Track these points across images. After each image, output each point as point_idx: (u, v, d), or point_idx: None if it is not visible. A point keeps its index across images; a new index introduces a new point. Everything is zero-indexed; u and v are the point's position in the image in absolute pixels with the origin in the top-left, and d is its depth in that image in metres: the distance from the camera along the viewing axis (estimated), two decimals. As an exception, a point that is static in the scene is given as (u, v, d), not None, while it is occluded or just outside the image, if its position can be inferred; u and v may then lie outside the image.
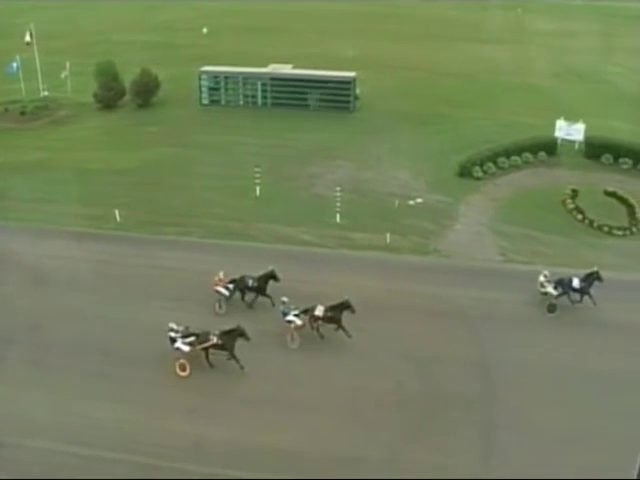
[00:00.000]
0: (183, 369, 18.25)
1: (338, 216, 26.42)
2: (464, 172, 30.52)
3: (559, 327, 20.67)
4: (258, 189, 28.35)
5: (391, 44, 51.78)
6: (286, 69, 40.76)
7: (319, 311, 19.48)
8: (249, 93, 39.73)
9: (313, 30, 56.70)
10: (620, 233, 26.81)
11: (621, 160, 31.47)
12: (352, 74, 39.14)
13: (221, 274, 21.41)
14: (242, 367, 18.24)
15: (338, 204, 26.56)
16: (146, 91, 39.64)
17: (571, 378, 18.29)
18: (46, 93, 41.65)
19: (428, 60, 48.06)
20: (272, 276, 21.20)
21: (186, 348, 18.22)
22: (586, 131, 32.58)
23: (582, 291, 21.49)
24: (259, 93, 39.47)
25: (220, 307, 21.23)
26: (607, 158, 31.79)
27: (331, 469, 15.54)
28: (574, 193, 28.56)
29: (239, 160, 31.30)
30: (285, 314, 19.60)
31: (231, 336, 18.29)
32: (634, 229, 26.83)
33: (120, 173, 30.72)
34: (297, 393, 17.74)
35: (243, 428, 16.57)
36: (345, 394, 17.68)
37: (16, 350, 19.27)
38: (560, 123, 33.15)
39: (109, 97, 39.61)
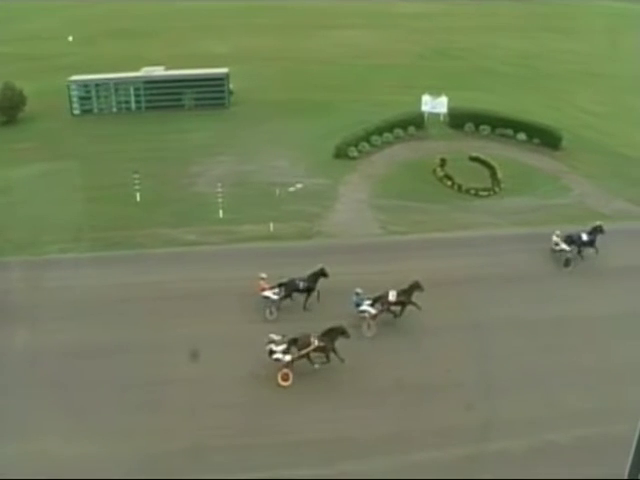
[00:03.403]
0: (286, 379, 17.83)
1: (221, 212, 26.73)
2: (340, 153, 31.75)
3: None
4: (138, 195, 28.07)
5: (263, 36, 52.42)
6: (159, 71, 40.27)
7: (392, 296, 20.09)
8: (122, 99, 38.96)
9: (185, 30, 56.13)
10: (485, 194, 29.10)
11: (481, 127, 34.12)
12: (225, 70, 39.37)
13: (263, 275, 20.77)
14: (342, 360, 18.21)
15: (220, 200, 26.87)
16: (11, 107, 37.74)
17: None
18: None
19: (301, 49, 49.18)
20: (322, 274, 21.10)
21: (287, 357, 17.86)
22: (449, 103, 34.84)
23: (589, 244, 23.43)
24: (132, 98, 38.83)
25: (271, 313, 20.55)
26: (469, 126, 34.32)
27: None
28: (442, 162, 30.55)
29: (117, 168, 30.67)
30: (358, 305, 19.99)
31: (332, 336, 18.24)
32: (496, 189, 29.21)
33: (-11, 195, 29.27)
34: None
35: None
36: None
37: None
38: (425, 98, 35.22)
39: (-32, 117, 37.48)
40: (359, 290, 20.22)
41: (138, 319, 20.48)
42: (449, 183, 29.59)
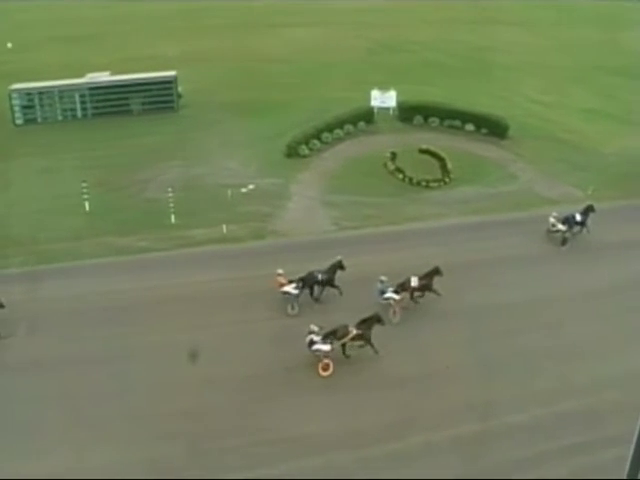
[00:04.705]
0: (326, 369, 18.05)
1: (173, 217, 26.41)
2: (291, 152, 31.74)
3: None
4: (87, 204, 27.50)
5: (211, 37, 51.92)
6: (104, 76, 39.45)
7: (414, 282, 20.58)
8: (67, 106, 38.04)
9: (131, 33, 55.13)
10: (436, 185, 29.53)
11: (430, 119, 34.57)
12: (172, 73, 38.85)
13: (280, 270, 20.83)
14: (377, 352, 18.44)
15: (171, 205, 26.56)
16: (-52, 119, 36.55)
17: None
18: None
19: (249, 49, 48.81)
20: (340, 266, 21.31)
21: (327, 347, 18.06)
22: (398, 97, 35.18)
23: (582, 223, 24.61)
24: (78, 105, 37.95)
25: (293, 308, 20.63)
26: (418, 119, 34.74)
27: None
28: (393, 155, 30.86)
29: (65, 177, 30.02)
30: (383, 292, 20.39)
31: (368, 324, 18.59)
32: (447, 180, 29.67)
33: None
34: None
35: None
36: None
37: None
38: (374, 93, 35.46)
39: None
40: (383, 278, 20.55)
41: (102, 330, 19.99)
42: (400, 176, 29.92)
